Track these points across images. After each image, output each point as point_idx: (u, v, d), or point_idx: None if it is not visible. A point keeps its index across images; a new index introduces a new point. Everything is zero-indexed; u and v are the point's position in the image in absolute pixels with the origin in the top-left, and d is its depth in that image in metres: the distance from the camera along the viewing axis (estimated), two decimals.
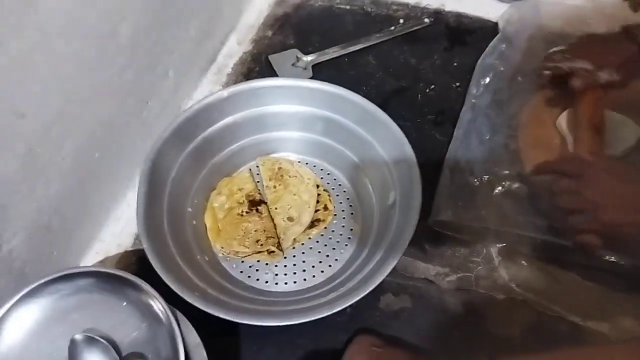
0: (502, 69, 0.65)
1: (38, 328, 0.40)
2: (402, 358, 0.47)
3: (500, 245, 0.56)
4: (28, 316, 0.40)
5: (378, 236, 0.53)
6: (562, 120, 0.60)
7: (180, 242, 0.51)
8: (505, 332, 0.52)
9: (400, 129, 0.54)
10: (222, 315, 0.44)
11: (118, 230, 0.57)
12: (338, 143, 0.60)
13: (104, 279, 0.41)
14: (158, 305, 0.42)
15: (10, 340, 0.39)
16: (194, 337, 0.43)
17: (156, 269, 0.45)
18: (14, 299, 0.39)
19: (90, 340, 0.40)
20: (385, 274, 0.46)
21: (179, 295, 0.44)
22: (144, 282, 0.42)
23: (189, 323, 0.43)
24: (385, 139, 0.56)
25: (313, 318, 0.45)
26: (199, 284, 0.48)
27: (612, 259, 0.54)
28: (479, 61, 0.67)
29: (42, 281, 0.40)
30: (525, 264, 0.55)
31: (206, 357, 0.42)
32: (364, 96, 0.58)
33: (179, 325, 0.41)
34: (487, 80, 0.64)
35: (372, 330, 0.51)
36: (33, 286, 0.40)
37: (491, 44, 0.68)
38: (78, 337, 0.40)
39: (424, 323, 0.52)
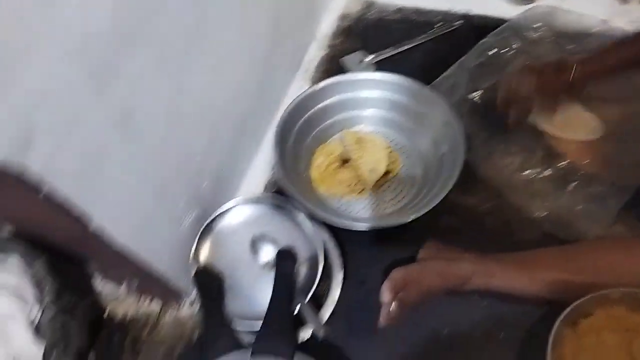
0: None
1: (240, 224, 0.66)
2: (456, 250, 0.70)
3: None
4: (236, 216, 0.66)
5: (434, 177, 0.77)
6: None
7: (300, 186, 0.76)
8: (528, 238, 0.74)
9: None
10: (343, 224, 0.68)
11: (253, 181, 0.83)
12: (401, 115, 0.84)
13: (276, 203, 0.67)
14: (305, 219, 0.67)
15: (226, 227, 0.66)
16: (327, 237, 0.68)
17: (297, 199, 0.70)
18: (227, 206, 0.66)
19: (263, 237, 0.66)
20: (443, 195, 0.70)
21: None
22: (295, 205, 0.67)
23: (323, 227, 0.68)
24: (435, 110, 0.79)
25: (399, 222, 0.69)
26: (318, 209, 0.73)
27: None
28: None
29: (244, 199, 0.67)
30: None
31: (338, 253, 0.67)
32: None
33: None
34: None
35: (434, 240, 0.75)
36: (238, 202, 0.67)
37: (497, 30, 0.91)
38: (257, 234, 0.66)
39: (468, 235, 0.76)
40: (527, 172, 0.78)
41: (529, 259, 0.66)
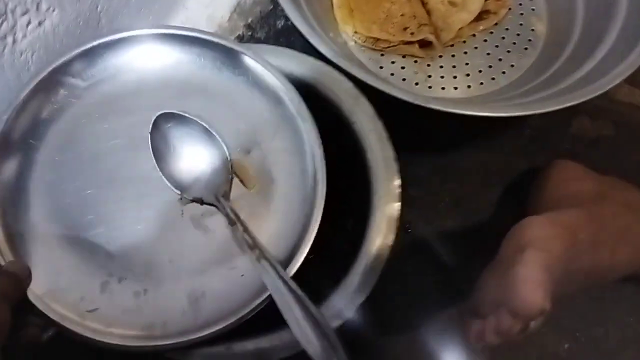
0: None
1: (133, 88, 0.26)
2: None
3: None
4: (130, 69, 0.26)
5: (584, 36, 0.38)
6: None
7: (313, 10, 0.35)
8: None
9: None
10: (399, 95, 0.29)
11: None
12: None
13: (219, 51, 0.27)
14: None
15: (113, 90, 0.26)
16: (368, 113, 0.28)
17: (302, 31, 0.30)
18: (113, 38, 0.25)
19: (179, 122, 0.26)
20: (623, 76, 0.31)
21: None
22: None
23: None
24: None
25: (493, 114, 0.30)
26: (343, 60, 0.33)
27: None
28: None
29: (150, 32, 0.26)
30: None
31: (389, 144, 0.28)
32: None
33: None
34: None
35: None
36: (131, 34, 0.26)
37: None
38: (164, 114, 0.26)
39: (632, 157, 0.39)
40: None
41: None
